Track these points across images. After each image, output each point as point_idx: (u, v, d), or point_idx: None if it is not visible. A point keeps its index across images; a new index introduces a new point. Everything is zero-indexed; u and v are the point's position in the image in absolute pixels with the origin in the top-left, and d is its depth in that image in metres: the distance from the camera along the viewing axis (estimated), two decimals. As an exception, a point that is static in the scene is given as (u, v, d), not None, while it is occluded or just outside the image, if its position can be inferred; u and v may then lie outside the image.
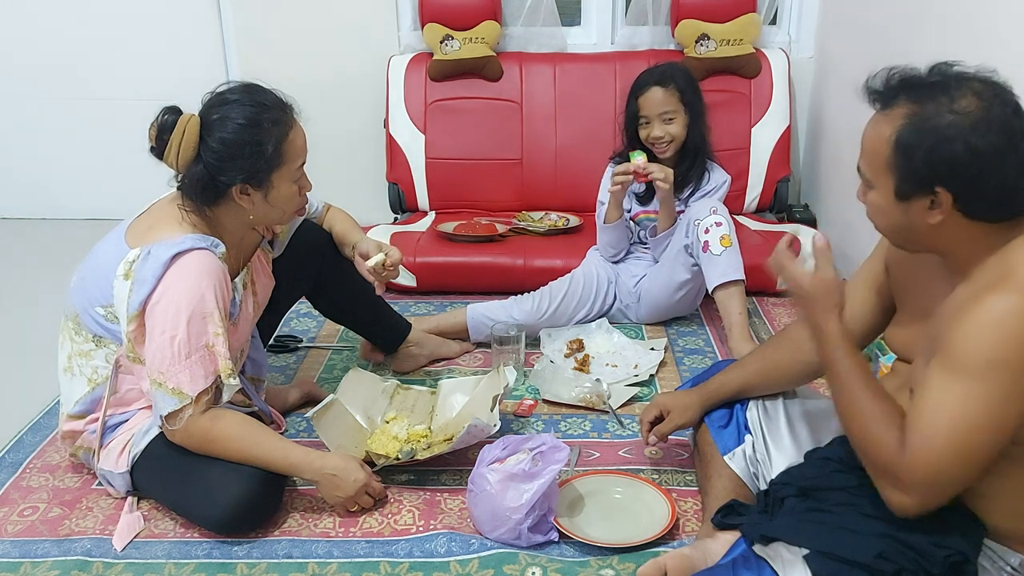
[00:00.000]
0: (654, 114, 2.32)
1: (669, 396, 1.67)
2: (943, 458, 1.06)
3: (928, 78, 1.11)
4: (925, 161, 1.07)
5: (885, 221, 1.18)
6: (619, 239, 2.48)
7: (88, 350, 1.62)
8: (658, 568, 1.36)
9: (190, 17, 3.35)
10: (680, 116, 2.33)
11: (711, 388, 1.59)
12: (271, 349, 2.30)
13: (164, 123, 1.54)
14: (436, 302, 2.71)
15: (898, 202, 1.12)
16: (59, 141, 3.56)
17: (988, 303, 1.05)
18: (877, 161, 1.13)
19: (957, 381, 1.05)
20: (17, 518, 1.66)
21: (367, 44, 3.28)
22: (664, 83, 2.32)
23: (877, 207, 1.17)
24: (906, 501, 1.09)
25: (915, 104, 1.09)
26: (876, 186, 1.15)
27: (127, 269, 1.54)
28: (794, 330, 1.50)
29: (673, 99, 2.32)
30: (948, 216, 1.10)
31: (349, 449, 1.74)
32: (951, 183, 1.07)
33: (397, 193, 3.17)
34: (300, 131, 1.63)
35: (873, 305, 1.38)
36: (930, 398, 1.08)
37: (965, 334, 1.05)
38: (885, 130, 1.11)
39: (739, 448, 1.52)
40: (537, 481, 1.51)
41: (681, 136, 2.35)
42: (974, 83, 1.09)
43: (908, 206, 1.12)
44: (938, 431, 1.05)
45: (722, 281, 2.24)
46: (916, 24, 2.34)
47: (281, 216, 1.70)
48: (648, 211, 2.47)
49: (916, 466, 1.07)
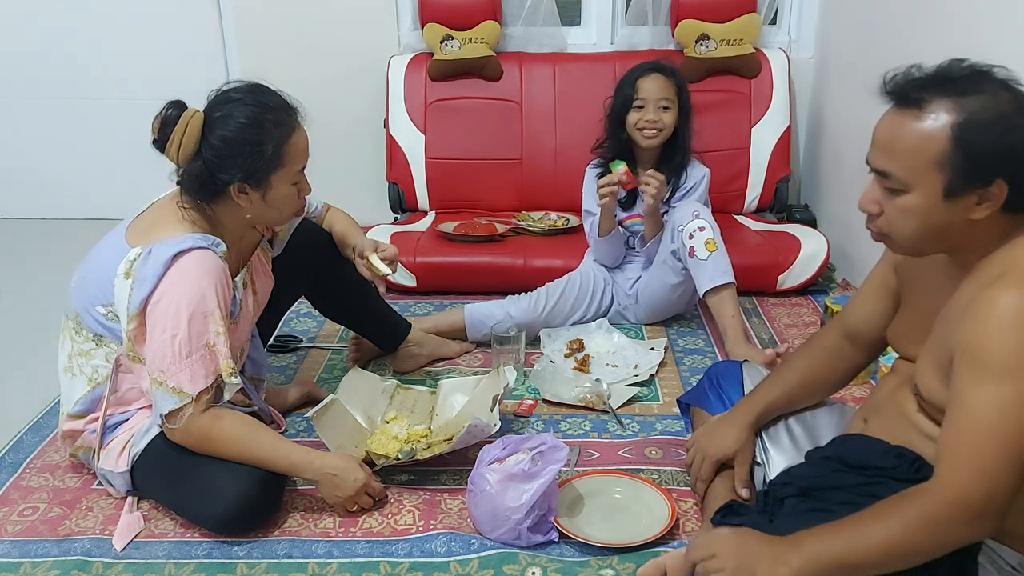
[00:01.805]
0: (652, 98, 2.29)
1: (715, 440, 1.49)
2: (998, 476, 1.02)
3: (955, 73, 1.09)
4: (991, 152, 1.05)
5: (919, 224, 1.12)
6: (616, 250, 2.47)
7: (88, 349, 1.62)
8: (658, 568, 1.36)
9: (190, 17, 3.35)
10: (674, 108, 2.32)
11: (758, 411, 1.47)
12: (271, 349, 2.30)
13: (167, 117, 1.55)
14: (436, 302, 2.72)
15: (944, 201, 1.08)
16: (59, 141, 3.56)
17: (1003, 301, 1.03)
18: (920, 160, 1.08)
19: (990, 387, 1.02)
20: (17, 518, 1.66)
21: (367, 44, 3.28)
22: (665, 72, 2.32)
23: (911, 211, 1.11)
24: (984, 527, 1.05)
25: (958, 98, 1.06)
26: (915, 187, 1.09)
27: (128, 268, 1.54)
28: (825, 337, 1.50)
29: (671, 89, 2.31)
30: (992, 210, 1.08)
31: (349, 449, 1.74)
32: (1013, 173, 1.06)
33: (397, 193, 3.18)
34: (303, 134, 1.63)
35: (887, 308, 1.38)
36: (967, 415, 1.04)
37: (987, 337, 1.03)
38: (931, 127, 1.07)
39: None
40: (537, 481, 1.51)
41: (670, 129, 2.33)
42: (992, 75, 1.08)
43: (954, 204, 1.08)
44: (984, 449, 1.02)
45: (711, 286, 2.24)
46: (916, 24, 2.34)
47: (279, 217, 1.70)
48: (633, 216, 2.44)
49: (973, 494, 1.02)
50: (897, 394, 1.29)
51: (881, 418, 1.30)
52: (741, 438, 1.46)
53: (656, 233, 2.37)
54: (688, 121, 2.36)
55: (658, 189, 2.24)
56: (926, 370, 1.17)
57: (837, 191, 3.02)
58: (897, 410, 1.27)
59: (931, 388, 1.16)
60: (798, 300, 2.71)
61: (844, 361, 1.48)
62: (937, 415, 1.17)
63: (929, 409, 1.19)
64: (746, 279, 2.42)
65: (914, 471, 1.18)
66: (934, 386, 1.15)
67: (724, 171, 2.93)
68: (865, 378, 2.12)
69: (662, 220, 2.37)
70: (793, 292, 2.72)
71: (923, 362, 1.18)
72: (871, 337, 1.43)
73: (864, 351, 1.47)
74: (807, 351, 1.52)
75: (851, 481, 1.22)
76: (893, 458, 1.21)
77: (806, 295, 2.74)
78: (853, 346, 1.46)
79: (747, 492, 1.45)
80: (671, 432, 1.93)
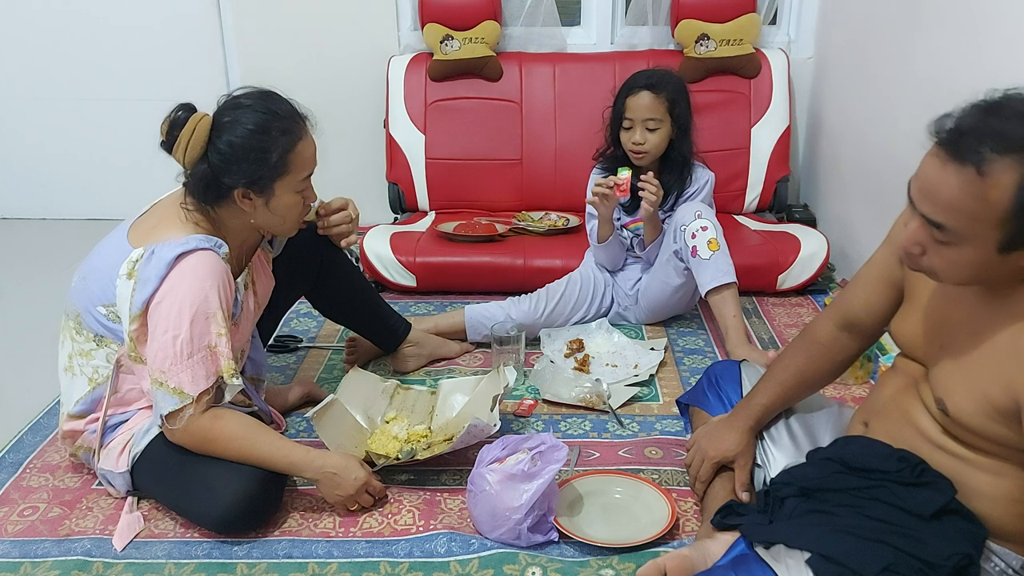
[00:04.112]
0: (638, 118, 2.26)
1: (716, 442, 1.50)
2: None
3: (1011, 125, 1.03)
4: None
5: (969, 273, 1.11)
6: (616, 254, 2.46)
7: (89, 350, 1.62)
8: (657, 569, 1.36)
9: (190, 17, 3.35)
10: (664, 127, 2.28)
11: (758, 415, 1.48)
12: (271, 349, 2.30)
13: (176, 119, 1.55)
14: (436, 302, 2.72)
15: (998, 254, 1.07)
16: (59, 141, 3.57)
17: None
18: (979, 219, 1.05)
19: None
20: (17, 518, 1.66)
21: (367, 44, 3.28)
22: (655, 89, 2.26)
23: (961, 262, 1.10)
24: None
25: (1020, 155, 1.02)
26: (969, 242, 1.07)
27: (130, 269, 1.54)
28: (820, 331, 1.48)
29: (660, 107, 2.26)
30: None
31: (349, 449, 1.74)
32: None
33: (397, 193, 3.18)
34: (310, 143, 1.63)
35: (887, 297, 1.36)
36: None
37: None
38: (993, 189, 1.02)
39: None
40: (536, 481, 1.51)
41: (660, 149, 2.30)
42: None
43: (1008, 256, 1.07)
44: None
45: (713, 285, 2.23)
46: (915, 24, 2.34)
47: (282, 224, 1.70)
48: (637, 220, 2.42)
49: None
50: (901, 398, 1.28)
51: (883, 421, 1.29)
52: (742, 442, 1.46)
53: (655, 237, 2.37)
54: (686, 134, 2.32)
55: (655, 194, 2.24)
56: (961, 393, 1.15)
57: (837, 191, 3.02)
58: (902, 414, 1.26)
59: (967, 411, 1.14)
60: (798, 300, 2.71)
61: (842, 352, 1.47)
62: (967, 435, 1.17)
63: (953, 428, 1.18)
64: (746, 279, 2.42)
65: (917, 475, 1.18)
66: (972, 411, 1.14)
67: (724, 171, 2.93)
68: (865, 378, 2.12)
69: (661, 225, 2.37)
70: (793, 292, 2.72)
71: (957, 384, 1.16)
72: (871, 327, 1.42)
73: (862, 340, 1.46)
74: (803, 347, 1.50)
75: (852, 484, 1.22)
76: (896, 461, 1.21)
77: (806, 295, 2.74)
78: (851, 336, 1.45)
79: (747, 496, 1.45)
80: (671, 432, 1.93)
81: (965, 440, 1.18)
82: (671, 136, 2.31)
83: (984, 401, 1.12)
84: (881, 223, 1.38)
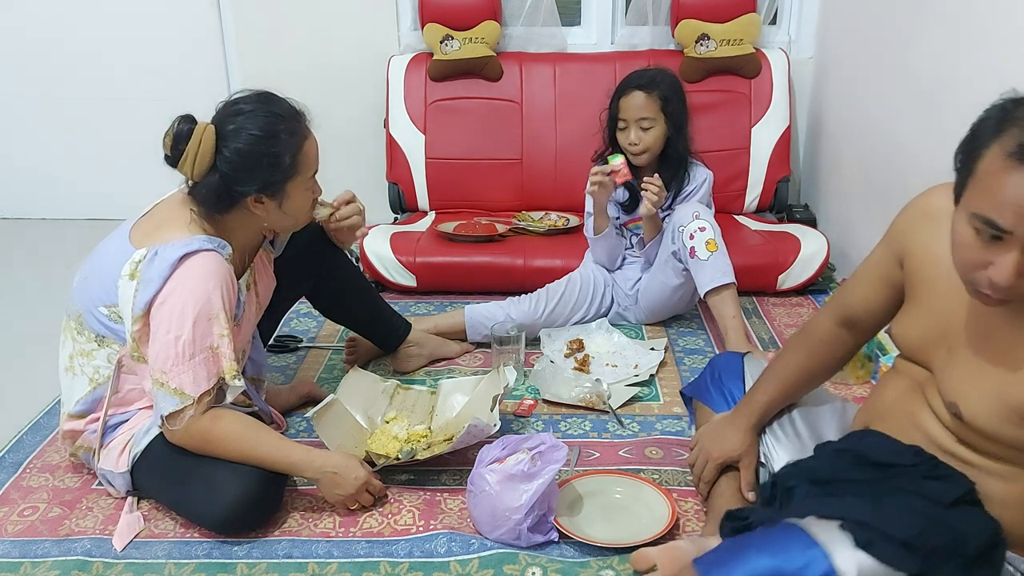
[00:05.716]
0: (632, 118, 2.29)
1: (719, 442, 1.49)
2: None
3: None
4: None
5: None
6: (613, 248, 2.47)
7: (90, 350, 1.62)
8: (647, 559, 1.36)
9: (190, 17, 3.35)
10: (659, 125, 2.30)
11: (760, 413, 1.47)
12: (271, 349, 2.30)
13: (180, 132, 1.54)
14: (436, 302, 2.72)
15: None
16: (60, 141, 3.57)
17: None
18: None
19: None
20: (17, 518, 1.66)
21: (367, 44, 3.28)
22: (647, 88, 2.29)
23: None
24: None
25: None
26: None
27: (133, 269, 1.54)
28: (819, 328, 1.47)
29: (654, 106, 2.28)
30: None
31: (349, 449, 1.74)
32: None
33: (397, 193, 3.18)
34: (313, 140, 1.64)
35: (884, 296, 1.35)
36: None
37: None
38: None
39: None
40: (536, 481, 1.51)
41: (656, 146, 2.32)
42: None
43: None
44: None
45: (712, 286, 2.23)
46: (916, 24, 2.34)
47: (294, 224, 1.72)
48: (637, 219, 2.43)
49: None
50: (906, 401, 1.27)
51: (888, 425, 1.28)
52: (746, 441, 1.46)
53: (654, 236, 2.37)
54: (682, 131, 2.34)
55: (657, 195, 2.25)
56: (975, 397, 1.15)
57: (837, 191, 3.02)
58: (907, 418, 1.25)
59: (982, 415, 1.14)
60: (798, 300, 2.71)
61: (841, 348, 1.47)
62: (980, 440, 1.16)
63: (965, 433, 1.17)
64: (746, 279, 2.42)
65: (931, 468, 1.17)
66: (988, 415, 1.13)
67: (724, 171, 2.93)
68: (866, 378, 2.12)
69: (661, 223, 2.37)
70: (793, 292, 2.72)
71: (970, 388, 1.15)
72: (870, 324, 1.42)
73: (861, 336, 1.46)
74: (803, 344, 1.49)
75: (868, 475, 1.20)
76: (911, 455, 1.20)
77: (806, 295, 2.74)
78: (851, 332, 1.45)
79: (753, 495, 1.44)
80: (671, 432, 1.93)
81: (977, 446, 1.17)
82: (667, 134, 2.32)
83: (1000, 404, 1.11)
84: (881, 223, 1.38)
